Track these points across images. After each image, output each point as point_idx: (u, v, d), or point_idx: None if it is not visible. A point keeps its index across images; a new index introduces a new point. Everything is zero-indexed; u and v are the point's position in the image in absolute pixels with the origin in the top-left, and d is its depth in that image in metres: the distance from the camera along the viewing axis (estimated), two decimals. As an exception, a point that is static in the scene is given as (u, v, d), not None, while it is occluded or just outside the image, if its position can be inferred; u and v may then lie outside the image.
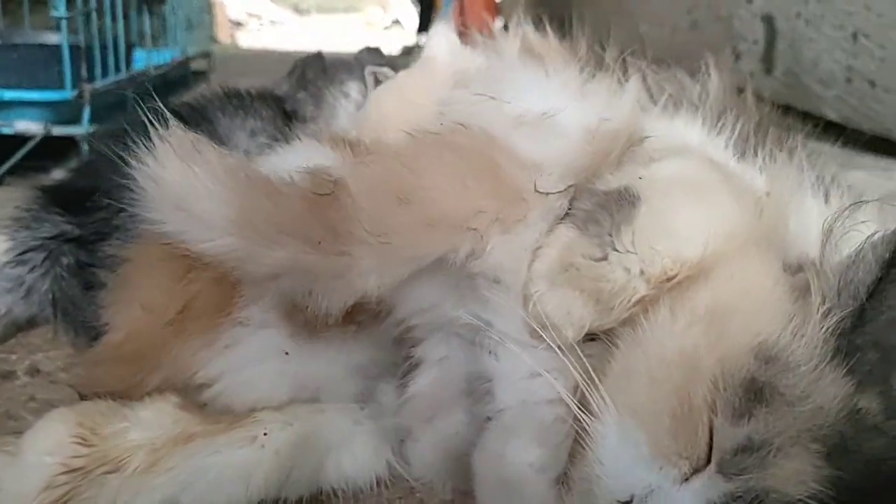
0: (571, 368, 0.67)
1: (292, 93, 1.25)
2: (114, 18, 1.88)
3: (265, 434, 0.73)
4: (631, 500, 0.61)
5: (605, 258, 0.68)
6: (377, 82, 1.35)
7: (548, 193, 0.71)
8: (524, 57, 0.94)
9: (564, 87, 0.82)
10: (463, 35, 1.20)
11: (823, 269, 0.65)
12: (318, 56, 1.59)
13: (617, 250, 0.68)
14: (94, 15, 1.78)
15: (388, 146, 0.74)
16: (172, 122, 0.70)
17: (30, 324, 1.13)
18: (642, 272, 0.67)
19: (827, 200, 0.85)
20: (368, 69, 1.39)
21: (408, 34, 7.48)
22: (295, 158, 0.84)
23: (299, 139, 0.91)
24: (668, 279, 0.67)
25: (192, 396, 0.75)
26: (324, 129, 1.02)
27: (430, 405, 0.77)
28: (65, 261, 1.01)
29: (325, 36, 7.33)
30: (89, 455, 0.68)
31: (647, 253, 0.67)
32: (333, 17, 9.27)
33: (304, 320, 0.74)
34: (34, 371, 1.03)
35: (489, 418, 0.71)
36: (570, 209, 0.73)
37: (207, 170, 0.66)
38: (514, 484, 0.67)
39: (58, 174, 1.37)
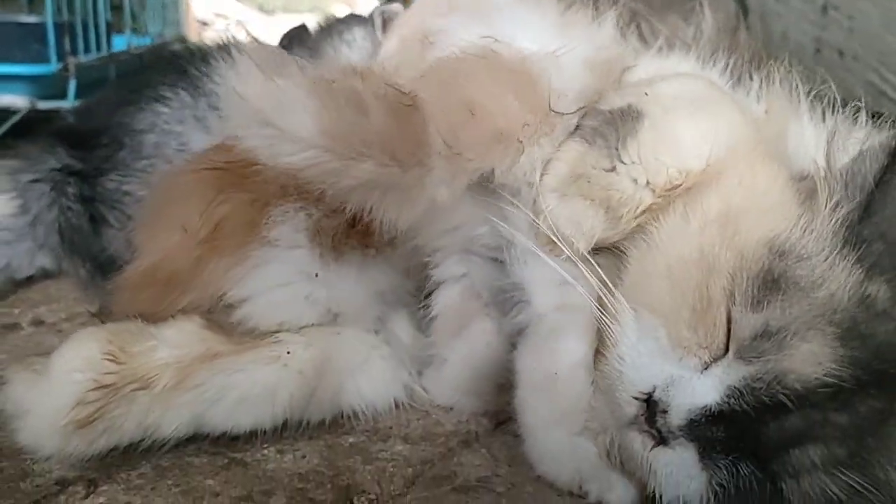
0: (588, 276, 0.69)
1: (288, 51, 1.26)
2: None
3: (288, 353, 0.74)
4: (653, 392, 0.63)
5: (613, 169, 0.71)
6: (386, 23, 1.34)
7: (563, 114, 0.73)
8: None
9: (552, 24, 0.84)
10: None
11: (830, 169, 0.67)
12: (303, 27, 1.59)
13: (623, 162, 0.71)
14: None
15: (441, 63, 0.75)
16: (252, 37, 0.68)
17: (28, 280, 1.13)
18: (648, 182, 0.70)
19: (823, 119, 0.88)
20: (377, 10, 1.38)
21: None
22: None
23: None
24: (673, 188, 0.70)
25: (221, 318, 0.76)
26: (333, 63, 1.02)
27: (457, 318, 0.79)
28: (70, 191, 1.03)
29: (292, 34, 7.31)
30: (119, 372, 0.69)
31: (652, 164, 0.70)
32: (299, 17, 9.17)
33: (331, 242, 0.75)
34: (38, 322, 1.03)
35: (520, 331, 0.73)
36: (577, 127, 0.75)
37: (293, 82, 0.64)
38: (563, 379, 0.69)
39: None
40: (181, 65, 1.09)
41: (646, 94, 0.75)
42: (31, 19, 2.07)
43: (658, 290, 0.66)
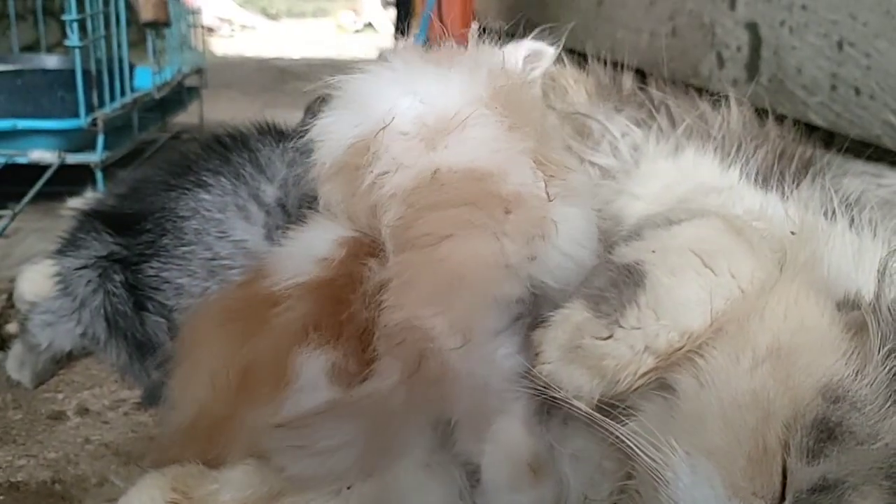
0: (599, 429, 0.72)
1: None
2: (119, 43, 1.88)
3: (349, 488, 0.75)
4: (710, 540, 0.64)
5: (610, 337, 0.73)
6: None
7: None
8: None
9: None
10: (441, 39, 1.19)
11: (881, 309, 0.68)
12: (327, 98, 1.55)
13: (622, 327, 0.73)
14: (102, 41, 1.77)
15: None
16: None
17: (69, 358, 1.15)
18: (647, 347, 0.72)
19: (859, 229, 0.88)
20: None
21: (381, 37, 7.42)
22: (322, 237, 0.89)
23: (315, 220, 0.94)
24: (675, 351, 0.72)
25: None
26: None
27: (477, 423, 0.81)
28: (116, 277, 1.04)
29: (297, 40, 7.34)
30: (185, 519, 0.70)
31: (651, 328, 0.72)
32: (303, 22, 9.18)
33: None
34: (83, 411, 1.05)
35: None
36: (585, 283, 0.78)
37: (327, 435, 0.70)
38: None
39: (88, 197, 1.38)
40: (223, 151, 1.11)
41: (653, 251, 0.77)
42: (56, 64, 2.09)
43: (712, 435, 0.67)
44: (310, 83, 1.01)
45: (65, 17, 1.63)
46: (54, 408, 1.05)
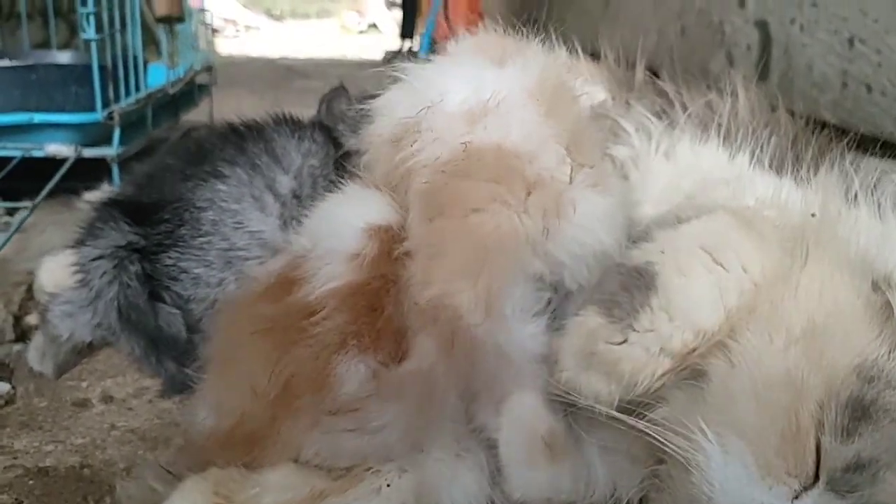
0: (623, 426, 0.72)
1: (330, 125, 1.25)
2: (132, 39, 1.88)
3: (388, 485, 0.75)
4: (744, 520, 0.64)
5: (625, 341, 0.73)
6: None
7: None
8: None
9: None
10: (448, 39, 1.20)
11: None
12: (341, 89, 1.55)
13: (636, 331, 0.72)
14: (117, 36, 1.78)
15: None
16: None
17: (91, 348, 1.15)
18: (662, 349, 0.72)
19: (882, 214, 0.88)
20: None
21: (385, 38, 7.44)
22: (357, 211, 0.89)
23: (352, 186, 0.94)
24: (691, 351, 0.72)
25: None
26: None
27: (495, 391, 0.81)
28: (132, 269, 1.04)
29: (301, 41, 7.36)
30: (228, 524, 0.70)
31: (665, 330, 0.72)
32: (307, 23, 9.20)
33: None
34: (108, 398, 1.05)
35: None
36: (596, 289, 0.78)
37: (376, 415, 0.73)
38: None
39: (105, 191, 1.39)
40: (239, 141, 1.11)
41: (662, 252, 0.77)
42: (69, 60, 2.10)
43: (744, 413, 0.67)
44: (316, 81, 1.01)
45: (80, 10, 1.64)
46: (79, 395, 1.05)
